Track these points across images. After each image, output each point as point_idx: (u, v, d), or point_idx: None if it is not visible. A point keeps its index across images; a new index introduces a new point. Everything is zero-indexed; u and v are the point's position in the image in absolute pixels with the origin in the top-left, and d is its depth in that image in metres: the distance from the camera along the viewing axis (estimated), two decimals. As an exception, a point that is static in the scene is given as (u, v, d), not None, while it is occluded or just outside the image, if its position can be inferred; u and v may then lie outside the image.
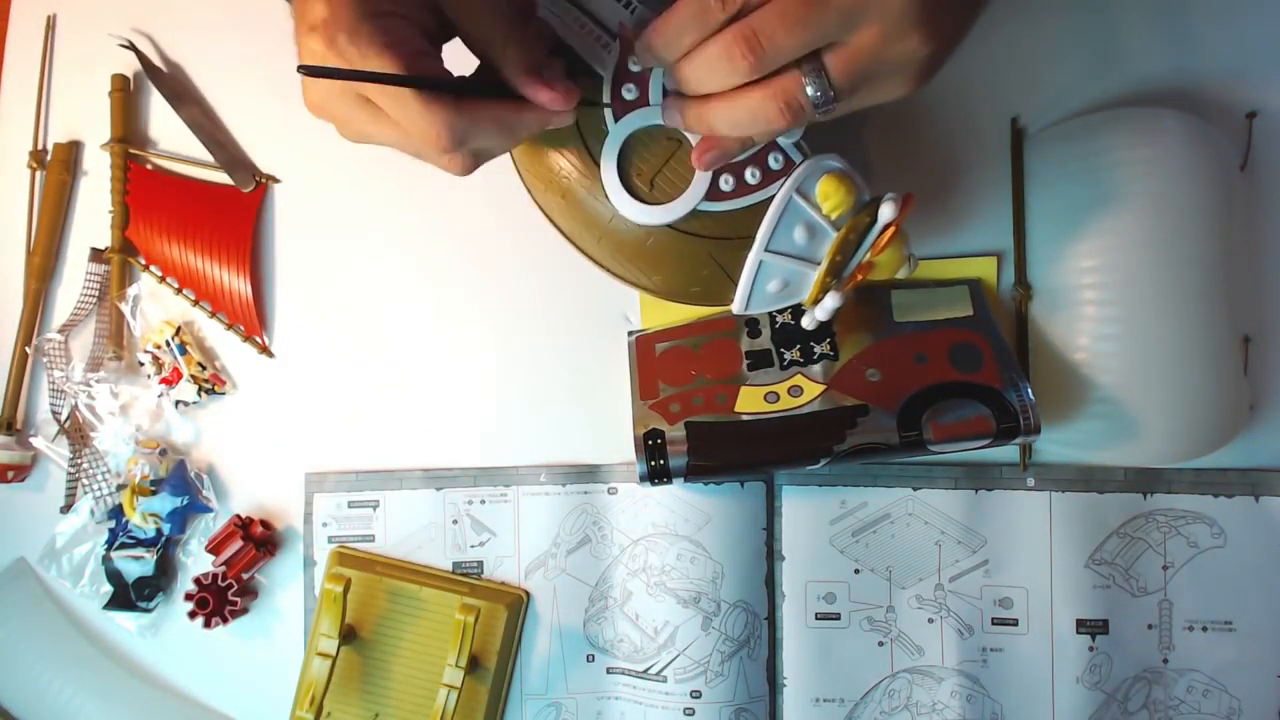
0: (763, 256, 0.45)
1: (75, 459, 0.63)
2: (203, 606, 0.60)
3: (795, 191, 0.44)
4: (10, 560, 0.65)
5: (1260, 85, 0.57)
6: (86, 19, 0.65)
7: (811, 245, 0.45)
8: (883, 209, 0.44)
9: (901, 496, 0.58)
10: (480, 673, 0.59)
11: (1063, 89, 0.58)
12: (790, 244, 0.45)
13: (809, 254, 0.46)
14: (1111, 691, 0.56)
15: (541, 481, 0.61)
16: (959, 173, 0.58)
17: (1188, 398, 0.53)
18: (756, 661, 0.58)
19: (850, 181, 0.44)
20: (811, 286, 0.47)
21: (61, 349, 0.64)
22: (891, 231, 0.44)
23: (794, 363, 0.56)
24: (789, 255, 0.46)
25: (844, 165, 0.44)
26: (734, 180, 0.45)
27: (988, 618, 0.57)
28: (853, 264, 0.47)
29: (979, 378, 0.53)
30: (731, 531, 0.58)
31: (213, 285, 0.63)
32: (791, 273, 0.46)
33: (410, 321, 0.63)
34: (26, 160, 0.65)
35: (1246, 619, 0.56)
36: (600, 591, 0.60)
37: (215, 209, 0.63)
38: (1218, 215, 0.52)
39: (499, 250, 0.62)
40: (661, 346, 0.59)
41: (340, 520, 0.62)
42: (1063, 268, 0.55)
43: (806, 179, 0.44)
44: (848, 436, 0.52)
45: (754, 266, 0.46)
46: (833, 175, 0.44)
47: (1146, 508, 0.57)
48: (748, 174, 0.44)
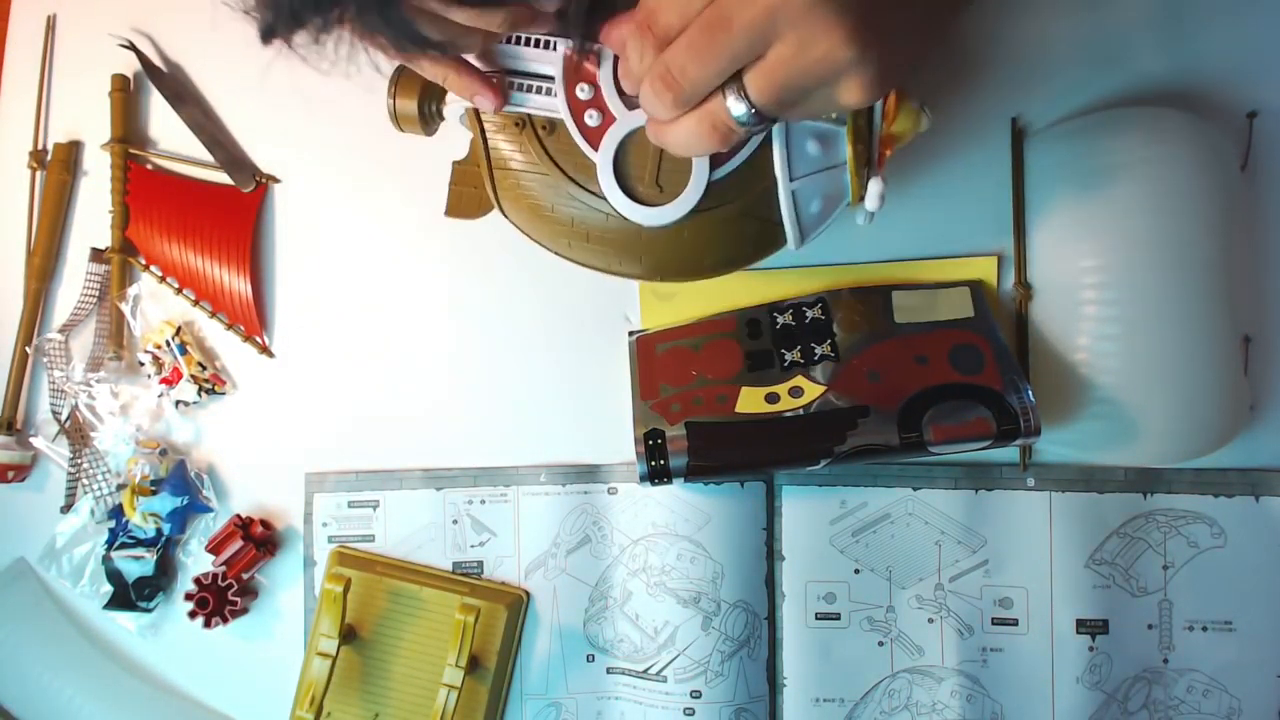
0: (792, 187, 0.44)
1: (75, 459, 0.63)
2: (203, 606, 0.60)
3: None
4: (10, 560, 0.65)
5: (1260, 85, 0.57)
6: (86, 19, 0.65)
7: (829, 152, 0.45)
8: None
9: (901, 496, 0.58)
10: (480, 673, 0.59)
11: (1063, 89, 0.58)
12: (809, 161, 0.44)
13: (831, 160, 0.45)
14: (1111, 691, 0.56)
15: (541, 481, 0.61)
16: (959, 173, 0.58)
17: (1188, 398, 0.53)
18: (756, 661, 0.58)
19: None
20: (849, 186, 0.46)
21: (61, 349, 0.64)
22: (893, 97, 0.44)
23: (795, 364, 0.56)
24: (814, 172, 0.45)
25: None
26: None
27: (988, 618, 0.57)
28: (875, 144, 0.46)
29: (980, 379, 0.53)
30: (731, 531, 0.58)
31: (213, 285, 0.63)
32: (826, 185, 0.45)
33: (410, 321, 0.63)
34: (26, 160, 0.65)
35: (1246, 619, 0.56)
36: (600, 591, 0.60)
37: (215, 209, 0.63)
38: (1218, 215, 0.52)
39: (499, 250, 0.62)
40: (662, 347, 0.59)
41: (340, 520, 0.62)
42: (1063, 268, 0.55)
43: None
44: (848, 437, 0.52)
45: (789, 200, 0.45)
46: None
47: (1146, 508, 0.57)
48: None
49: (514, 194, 0.48)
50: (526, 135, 0.46)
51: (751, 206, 0.46)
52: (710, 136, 0.37)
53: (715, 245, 0.47)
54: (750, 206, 0.46)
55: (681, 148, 0.38)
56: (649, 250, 0.47)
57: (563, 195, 0.46)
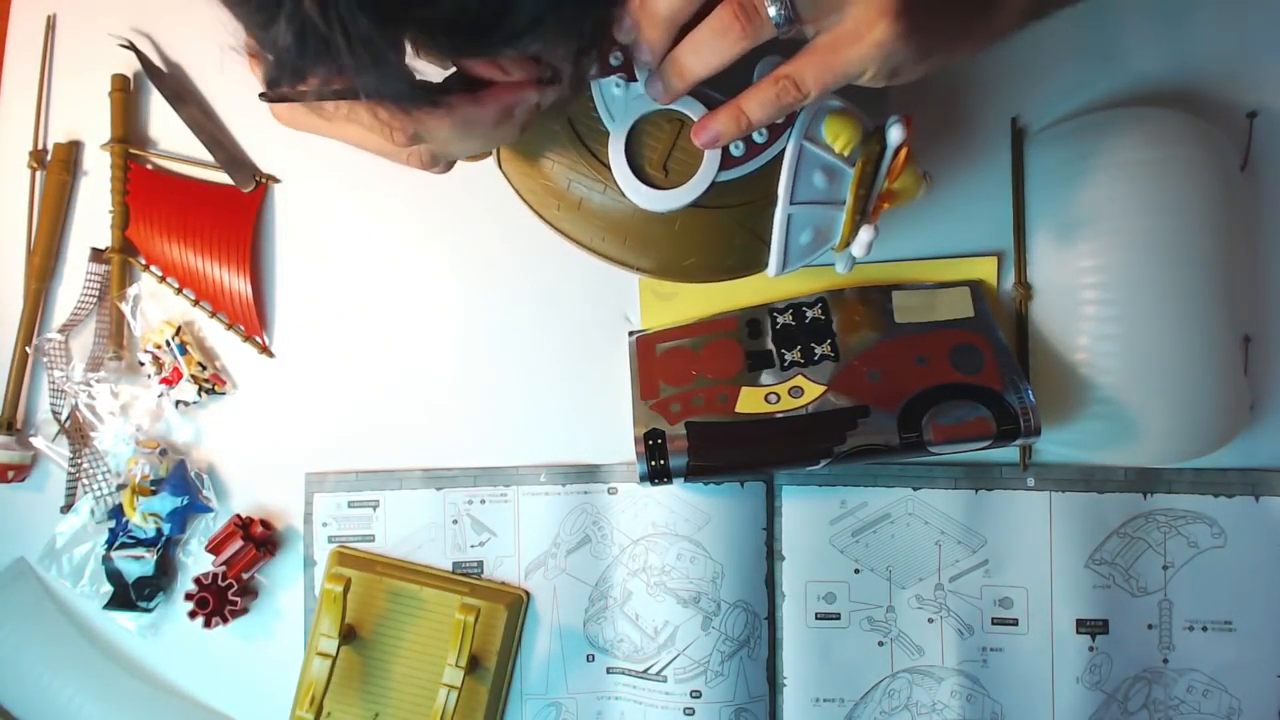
0: (790, 209, 0.45)
1: (75, 459, 0.63)
2: (203, 606, 0.60)
3: (804, 139, 0.44)
4: (10, 560, 0.65)
5: (1260, 85, 0.57)
6: (86, 19, 0.65)
7: (833, 187, 0.45)
8: (890, 133, 0.44)
9: (901, 496, 0.58)
10: (480, 673, 0.59)
11: (1063, 89, 0.58)
12: (813, 190, 0.45)
13: (833, 196, 0.46)
14: (1111, 691, 0.56)
15: (541, 481, 0.61)
16: (959, 173, 0.58)
17: (1188, 398, 0.53)
18: (756, 661, 0.58)
19: (853, 115, 0.44)
20: (841, 229, 0.47)
21: (62, 349, 0.64)
22: (905, 153, 0.44)
23: (795, 363, 0.56)
24: (814, 203, 0.46)
25: (843, 102, 0.44)
26: (743, 144, 0.44)
27: (988, 618, 0.57)
28: (874, 195, 0.47)
29: (980, 379, 0.53)
30: (731, 531, 0.58)
31: (213, 285, 0.63)
32: (820, 219, 0.46)
33: (410, 321, 0.63)
34: (26, 160, 0.65)
35: (1246, 619, 0.56)
36: (600, 591, 0.60)
37: (215, 209, 0.63)
38: (1218, 215, 0.52)
39: (500, 250, 0.62)
40: (662, 347, 0.59)
41: (340, 520, 0.62)
42: (1063, 268, 0.55)
43: (812, 123, 0.44)
44: (848, 437, 0.52)
45: (784, 221, 0.45)
46: (836, 114, 0.44)
47: (1146, 508, 0.57)
48: (754, 133, 0.44)
49: (515, 146, 0.47)
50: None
51: (747, 218, 0.46)
52: (733, 24, 0.36)
53: (702, 246, 0.47)
54: (746, 217, 0.46)
55: (699, 55, 0.38)
56: (636, 235, 0.47)
57: (567, 156, 0.46)
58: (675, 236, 0.47)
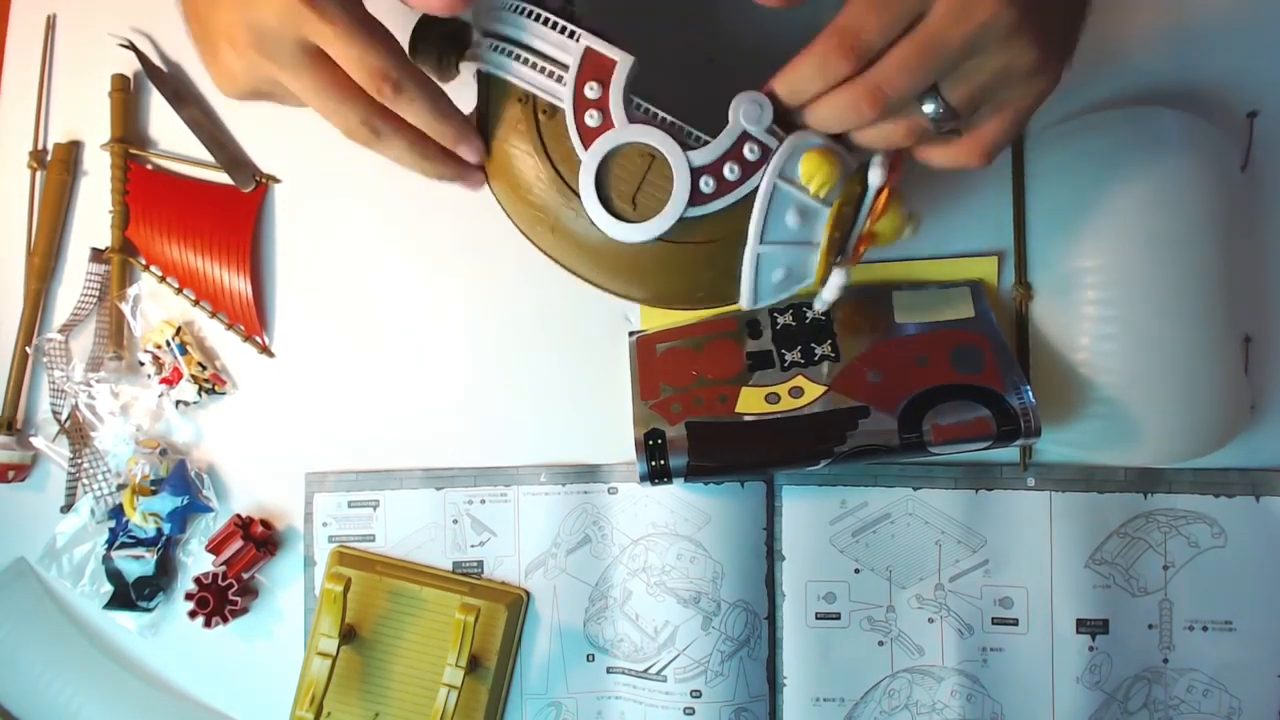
0: (760, 250, 0.44)
1: (75, 459, 0.63)
2: (203, 606, 0.60)
3: (778, 178, 0.42)
4: (10, 560, 0.65)
5: (1260, 85, 0.57)
6: (86, 19, 0.65)
7: (806, 228, 0.44)
8: (871, 174, 0.42)
9: (902, 496, 0.58)
10: (480, 672, 0.59)
11: (1063, 89, 0.57)
12: (785, 231, 0.43)
13: (806, 237, 0.44)
14: (1111, 691, 0.56)
15: (541, 481, 0.61)
16: (959, 173, 0.58)
17: (1188, 398, 0.53)
18: (756, 661, 0.58)
19: (832, 155, 0.42)
20: (816, 268, 0.45)
21: (61, 349, 0.64)
22: (885, 196, 0.43)
23: (795, 364, 0.56)
24: (786, 243, 0.44)
25: (823, 140, 0.42)
26: (714, 181, 0.43)
27: (988, 617, 0.57)
28: (853, 237, 0.45)
29: (980, 380, 0.53)
30: (731, 531, 0.58)
31: (213, 285, 0.63)
32: (793, 259, 0.45)
33: (410, 321, 0.63)
34: (26, 160, 0.65)
35: (1246, 619, 0.56)
36: (600, 591, 0.60)
37: (215, 209, 0.63)
38: (1218, 215, 0.52)
39: (499, 250, 0.62)
40: (662, 347, 0.59)
41: (340, 520, 0.62)
42: (1063, 268, 0.55)
43: (786, 162, 0.42)
44: (848, 438, 0.52)
45: (753, 261, 0.44)
46: (813, 153, 0.42)
47: (1147, 508, 0.57)
48: (726, 170, 0.43)
49: (500, 162, 0.47)
50: (526, 111, 0.45)
51: (715, 256, 0.45)
52: (906, 137, 0.41)
53: (672, 280, 0.47)
54: (713, 255, 0.45)
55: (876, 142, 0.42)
56: (603, 262, 0.47)
57: (542, 179, 0.45)
58: (642, 267, 0.46)
